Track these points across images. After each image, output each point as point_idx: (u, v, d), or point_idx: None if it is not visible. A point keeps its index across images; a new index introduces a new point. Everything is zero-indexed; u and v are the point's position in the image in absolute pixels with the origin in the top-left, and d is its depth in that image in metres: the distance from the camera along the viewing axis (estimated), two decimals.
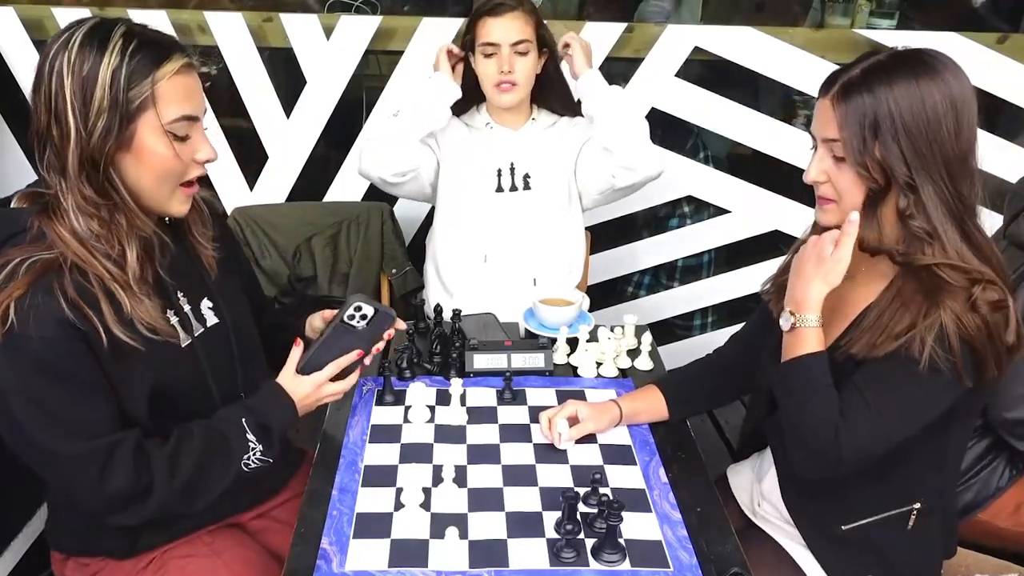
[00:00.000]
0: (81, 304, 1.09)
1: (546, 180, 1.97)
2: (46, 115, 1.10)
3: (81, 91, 1.08)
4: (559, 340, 1.69)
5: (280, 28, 2.28)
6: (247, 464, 1.24)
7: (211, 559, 1.31)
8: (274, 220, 2.33)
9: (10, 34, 2.24)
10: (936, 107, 1.12)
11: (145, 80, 1.11)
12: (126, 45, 1.10)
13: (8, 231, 1.14)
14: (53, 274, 1.09)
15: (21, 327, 1.05)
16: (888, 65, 1.14)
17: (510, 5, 1.85)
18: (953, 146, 1.13)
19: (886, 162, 1.13)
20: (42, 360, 1.08)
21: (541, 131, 2.00)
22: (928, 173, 1.13)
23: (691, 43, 2.31)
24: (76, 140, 1.09)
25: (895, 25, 2.43)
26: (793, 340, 1.21)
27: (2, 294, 1.05)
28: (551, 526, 1.21)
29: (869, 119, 1.13)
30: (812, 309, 1.19)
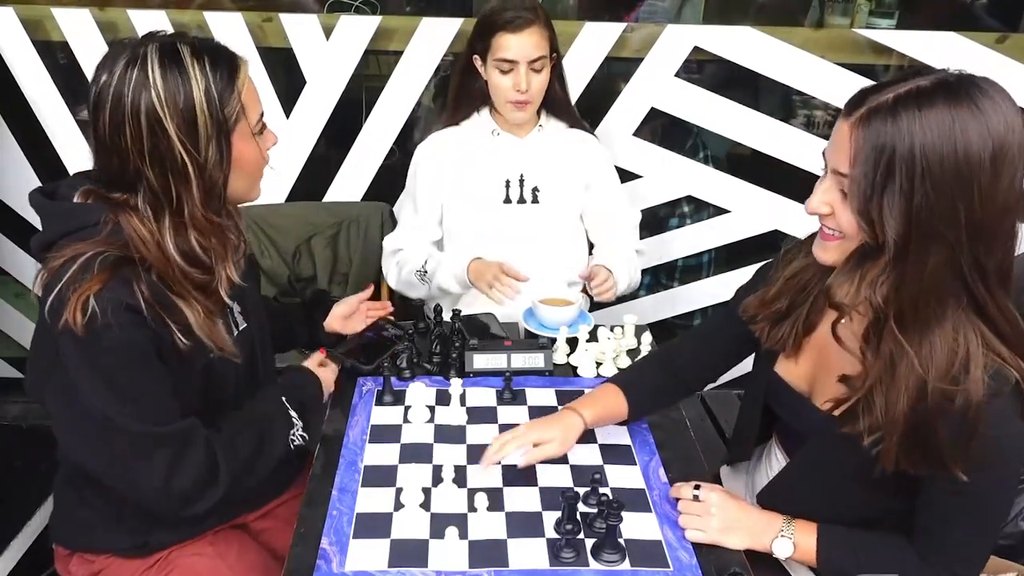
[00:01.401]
0: (155, 305, 1.12)
1: (555, 195, 1.94)
2: (138, 157, 1.10)
3: (183, 120, 1.10)
4: (559, 340, 1.69)
5: (280, 28, 2.28)
6: (292, 441, 1.31)
7: (215, 560, 1.31)
8: (274, 220, 2.33)
9: (10, 34, 2.24)
10: (969, 149, 0.94)
11: (232, 95, 1.14)
12: (202, 63, 1.11)
13: (75, 224, 1.14)
14: (129, 270, 1.11)
15: (103, 318, 1.07)
16: (928, 93, 0.97)
17: (528, 18, 1.80)
18: (983, 200, 0.95)
19: (884, 217, 0.98)
20: (121, 348, 1.10)
21: (549, 140, 1.97)
22: (937, 233, 0.97)
23: (691, 43, 2.31)
24: (199, 176, 1.13)
25: (895, 25, 2.43)
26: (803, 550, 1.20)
27: (81, 287, 1.07)
28: (551, 526, 1.21)
29: (886, 158, 0.96)
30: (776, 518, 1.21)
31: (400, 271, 1.97)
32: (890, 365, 1.04)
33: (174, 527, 1.30)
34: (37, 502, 1.77)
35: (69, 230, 1.13)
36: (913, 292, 1.01)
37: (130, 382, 1.12)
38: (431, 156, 1.96)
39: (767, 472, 1.40)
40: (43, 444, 1.53)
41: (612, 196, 2.02)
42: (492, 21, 1.83)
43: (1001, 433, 1.02)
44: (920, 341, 1.02)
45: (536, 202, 1.94)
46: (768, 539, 1.20)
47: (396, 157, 2.42)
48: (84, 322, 1.06)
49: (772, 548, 1.20)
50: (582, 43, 2.29)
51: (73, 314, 1.06)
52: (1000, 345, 1.03)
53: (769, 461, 1.42)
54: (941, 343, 1.01)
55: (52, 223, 1.16)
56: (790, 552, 1.19)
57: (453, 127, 1.98)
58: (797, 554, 1.20)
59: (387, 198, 2.44)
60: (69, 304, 1.06)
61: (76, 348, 1.09)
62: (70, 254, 1.10)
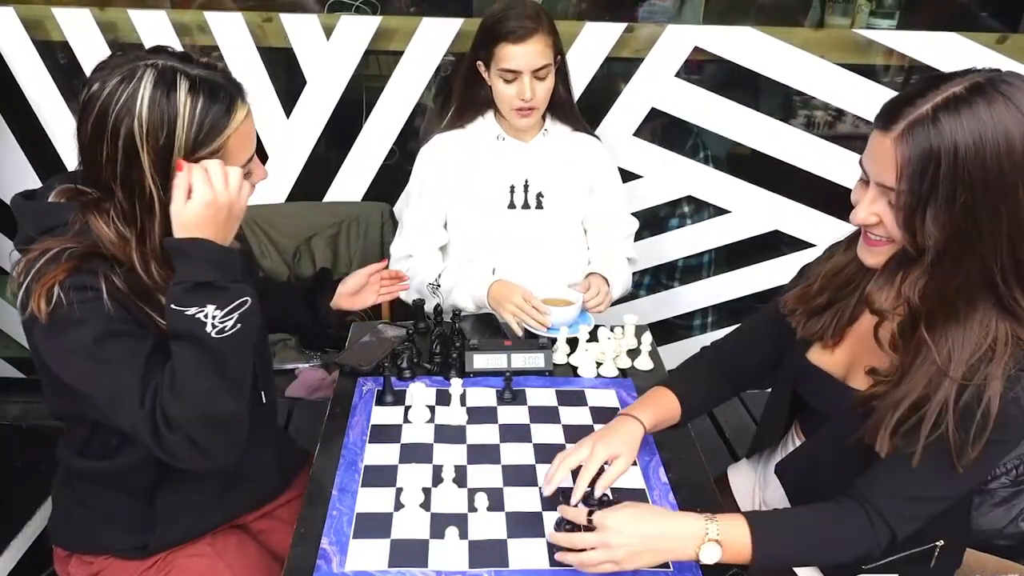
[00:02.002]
0: (128, 294, 1.10)
1: (559, 201, 1.93)
2: (110, 175, 1.09)
3: (159, 156, 1.07)
4: (559, 340, 1.69)
5: (280, 28, 2.28)
6: (219, 329, 1.08)
7: (214, 560, 1.31)
8: (274, 220, 2.33)
9: (10, 34, 2.24)
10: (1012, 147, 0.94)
11: (219, 136, 1.10)
12: (195, 99, 1.08)
13: (48, 223, 1.14)
14: (97, 262, 1.10)
15: (67, 301, 1.06)
16: (962, 97, 0.97)
17: (530, 28, 1.77)
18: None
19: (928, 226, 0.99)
20: (91, 322, 1.08)
21: (553, 145, 1.96)
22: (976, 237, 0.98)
23: (691, 43, 2.31)
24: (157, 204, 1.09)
25: (895, 25, 2.43)
26: (733, 549, 1.08)
27: (46, 276, 1.06)
28: (551, 526, 1.21)
29: (932, 169, 0.96)
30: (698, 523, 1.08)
31: (412, 280, 1.95)
32: (915, 359, 1.06)
33: (175, 527, 1.29)
34: (37, 502, 1.77)
35: (42, 229, 1.13)
36: (945, 293, 1.02)
37: (102, 352, 1.08)
38: (436, 159, 1.95)
39: (781, 456, 1.41)
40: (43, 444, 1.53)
41: (614, 201, 2.01)
42: (495, 31, 1.79)
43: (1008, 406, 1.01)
44: (947, 338, 1.03)
45: (540, 208, 1.94)
46: (692, 548, 1.08)
47: (396, 157, 2.43)
48: (49, 310, 1.06)
49: (699, 556, 1.08)
50: (582, 43, 2.30)
51: (38, 302, 1.05)
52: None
53: (785, 448, 1.43)
54: (965, 341, 1.02)
55: (26, 222, 1.16)
56: (718, 557, 1.08)
57: (458, 130, 1.96)
58: (727, 556, 1.08)
59: (387, 198, 2.44)
60: (34, 293, 1.06)
61: (44, 336, 1.09)
62: (39, 249, 1.10)
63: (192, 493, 1.29)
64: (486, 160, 1.93)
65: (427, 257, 1.94)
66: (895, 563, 1.23)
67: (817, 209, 2.50)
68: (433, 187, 1.95)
